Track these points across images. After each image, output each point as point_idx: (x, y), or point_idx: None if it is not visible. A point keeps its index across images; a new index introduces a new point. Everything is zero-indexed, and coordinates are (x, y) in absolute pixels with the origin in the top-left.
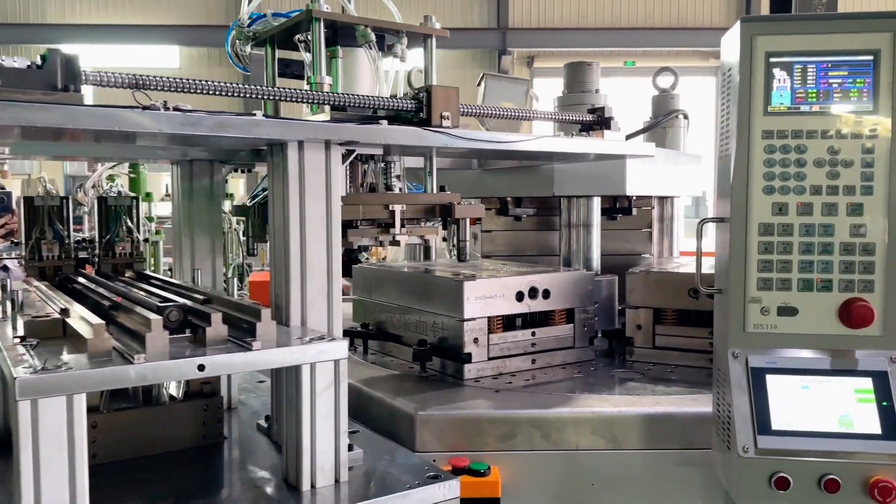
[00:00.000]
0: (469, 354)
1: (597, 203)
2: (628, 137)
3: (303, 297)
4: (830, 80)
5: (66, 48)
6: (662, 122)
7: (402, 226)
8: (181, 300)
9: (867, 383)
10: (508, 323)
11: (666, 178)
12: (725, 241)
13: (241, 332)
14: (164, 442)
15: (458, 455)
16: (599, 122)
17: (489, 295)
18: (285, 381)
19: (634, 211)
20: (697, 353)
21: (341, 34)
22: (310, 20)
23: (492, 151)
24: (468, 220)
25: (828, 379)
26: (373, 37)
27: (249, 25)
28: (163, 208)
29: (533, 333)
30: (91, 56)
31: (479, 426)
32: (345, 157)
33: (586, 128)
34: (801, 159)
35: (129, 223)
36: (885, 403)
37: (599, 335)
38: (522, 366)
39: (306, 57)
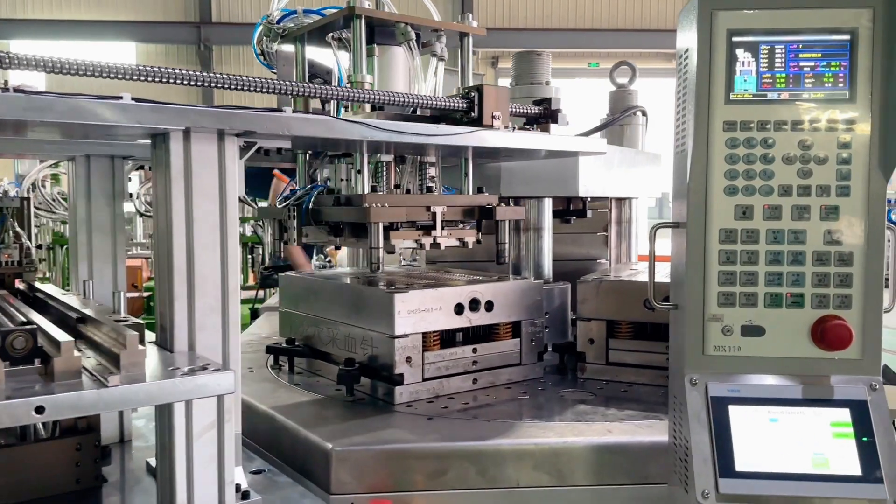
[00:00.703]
0: (401, 375)
1: (548, 205)
2: (584, 135)
3: (190, 317)
4: (801, 64)
5: (18, 45)
6: (619, 118)
7: (443, 228)
8: (44, 321)
9: (844, 415)
10: (447, 339)
11: (623, 178)
12: (682, 248)
13: (111, 361)
14: (29, 487)
15: (380, 497)
16: (546, 115)
17: (424, 308)
18: (157, 420)
19: (589, 213)
20: (654, 370)
21: (378, 32)
22: (349, 17)
23: (428, 146)
24: (507, 222)
25: (800, 410)
26: (413, 35)
27: (279, 21)
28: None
29: (474, 350)
30: (45, 53)
31: (405, 462)
32: (244, 151)
33: (531, 121)
34: (769, 155)
35: (18, 228)
36: (865, 439)
37: (550, 349)
38: (462, 386)
39: (340, 56)
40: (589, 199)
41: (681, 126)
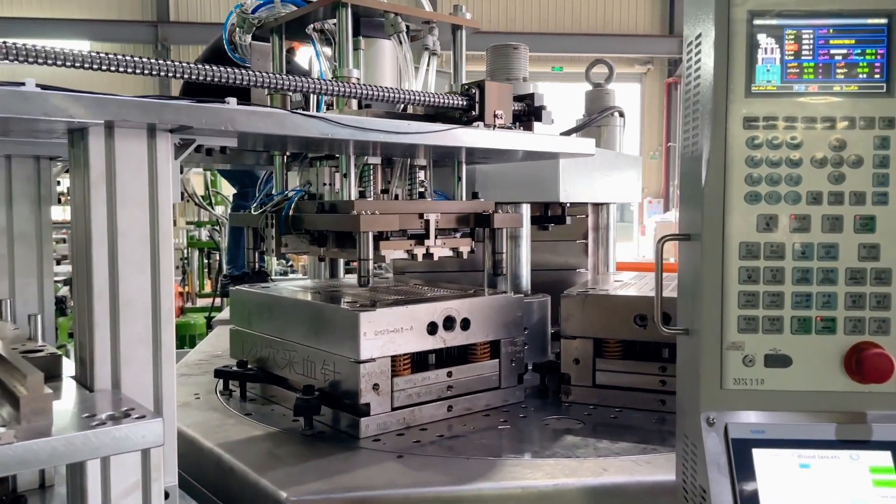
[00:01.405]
0: (367, 405)
1: (526, 211)
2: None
3: (114, 349)
4: (832, 52)
5: None
6: (598, 119)
7: (436, 237)
8: None
9: (886, 459)
10: (418, 362)
11: (603, 182)
12: (693, 264)
13: (12, 405)
14: None
15: None
16: (528, 112)
17: (393, 328)
18: (68, 479)
19: (568, 220)
20: (646, 394)
21: (364, 24)
22: (334, 7)
23: (397, 146)
24: (505, 231)
25: (834, 454)
26: (403, 27)
27: (254, 11)
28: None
29: (449, 374)
30: None
31: None
32: (180, 150)
33: (514, 119)
34: (795, 157)
35: None
36: None
37: (530, 368)
38: (436, 415)
39: (322, 49)
40: (568, 205)
41: (691, 125)
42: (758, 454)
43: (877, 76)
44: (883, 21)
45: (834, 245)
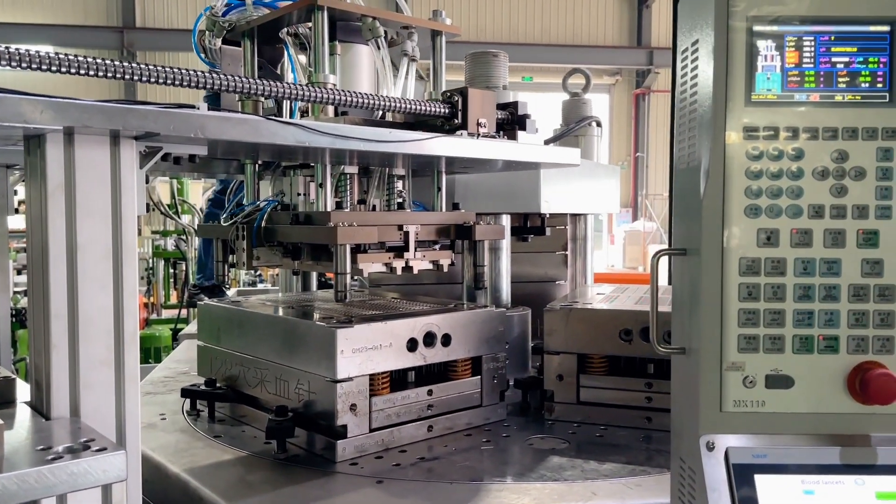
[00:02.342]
0: (344, 427)
1: (506, 222)
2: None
3: (73, 373)
4: (834, 59)
5: None
6: (576, 128)
7: (416, 249)
8: None
9: (892, 484)
10: (397, 380)
11: (584, 192)
12: (691, 281)
13: None
14: None
15: None
16: (512, 121)
17: (371, 345)
18: None
19: (548, 231)
20: (632, 411)
21: (341, 28)
22: (308, 10)
23: (375, 154)
24: (486, 243)
25: (839, 479)
26: (381, 31)
27: (224, 14)
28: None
29: (430, 392)
30: None
31: None
32: (146, 158)
33: (497, 128)
34: (797, 168)
35: None
36: None
37: (511, 384)
38: (416, 435)
39: (296, 54)
40: (548, 216)
41: (686, 135)
42: (760, 480)
43: (879, 85)
44: (885, 28)
45: (836, 261)
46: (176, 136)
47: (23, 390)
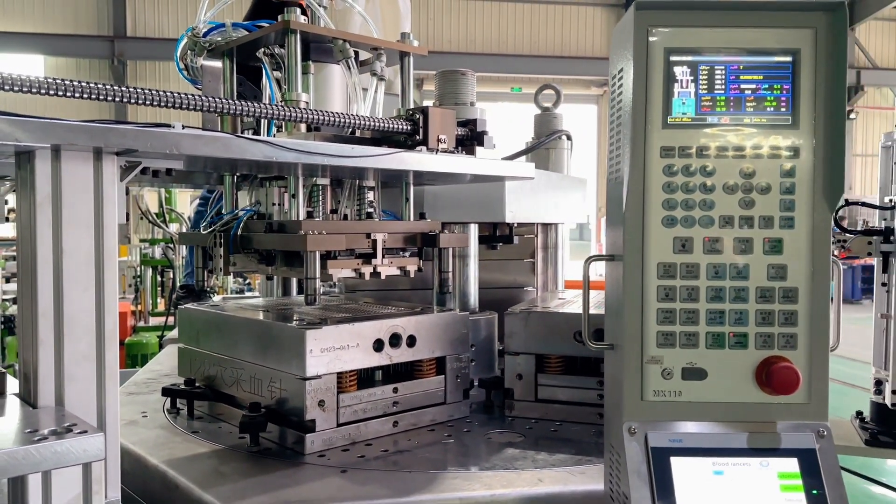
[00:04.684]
0: (312, 422)
1: (474, 231)
2: (509, 158)
3: (58, 366)
4: (742, 87)
5: None
6: (545, 142)
7: (384, 256)
8: None
9: (792, 465)
10: (364, 378)
11: (550, 203)
12: (617, 283)
13: None
14: None
15: None
16: (471, 137)
17: (339, 345)
18: (9, 493)
19: (516, 239)
20: (585, 407)
21: (314, 49)
22: (283, 32)
23: (345, 168)
24: (451, 250)
25: (746, 461)
26: (351, 52)
27: (205, 35)
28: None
29: (395, 390)
30: None
31: None
32: (126, 172)
33: (456, 143)
34: (709, 183)
35: None
36: (815, 492)
37: (476, 384)
38: (382, 430)
39: (272, 72)
40: (515, 225)
41: (615, 151)
42: (675, 462)
43: (783, 110)
44: (788, 59)
45: (745, 266)
46: (153, 153)
47: (12, 385)
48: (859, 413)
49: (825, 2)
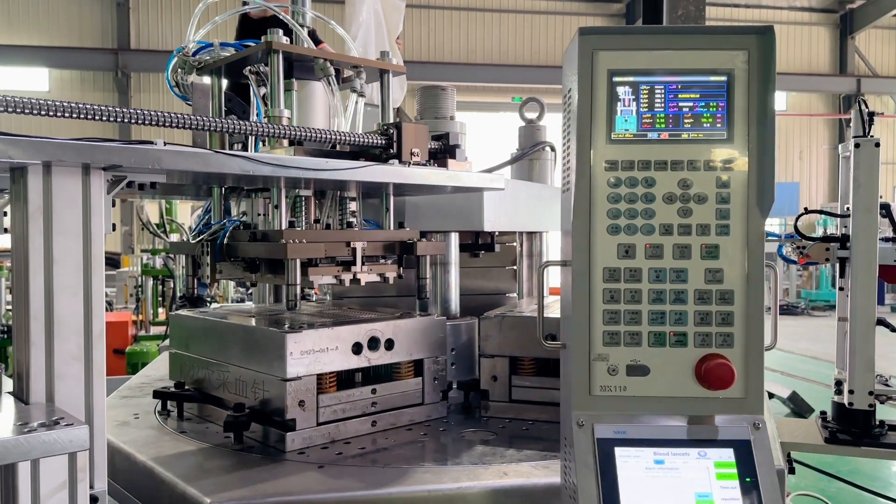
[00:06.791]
0: (293, 421)
1: (454, 239)
2: (491, 170)
3: (49, 366)
4: (681, 104)
5: None
6: (528, 153)
7: (363, 263)
8: None
9: (728, 455)
10: (344, 380)
11: (530, 212)
12: (569, 287)
13: None
14: None
15: None
16: (444, 150)
17: (319, 348)
18: (2, 480)
19: (497, 247)
20: (556, 407)
21: (297, 67)
22: (266, 52)
23: (325, 180)
24: (429, 258)
25: (685, 451)
26: (332, 70)
27: (195, 54)
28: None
29: (374, 391)
30: None
31: None
32: (112, 185)
33: (431, 156)
34: (650, 194)
35: None
36: (748, 480)
37: (455, 386)
38: (360, 429)
39: (258, 89)
40: (497, 234)
41: (567, 164)
42: (619, 451)
43: (719, 125)
44: (723, 79)
45: (684, 270)
46: (137, 168)
47: (7, 385)
48: (823, 413)
49: (756, 26)
